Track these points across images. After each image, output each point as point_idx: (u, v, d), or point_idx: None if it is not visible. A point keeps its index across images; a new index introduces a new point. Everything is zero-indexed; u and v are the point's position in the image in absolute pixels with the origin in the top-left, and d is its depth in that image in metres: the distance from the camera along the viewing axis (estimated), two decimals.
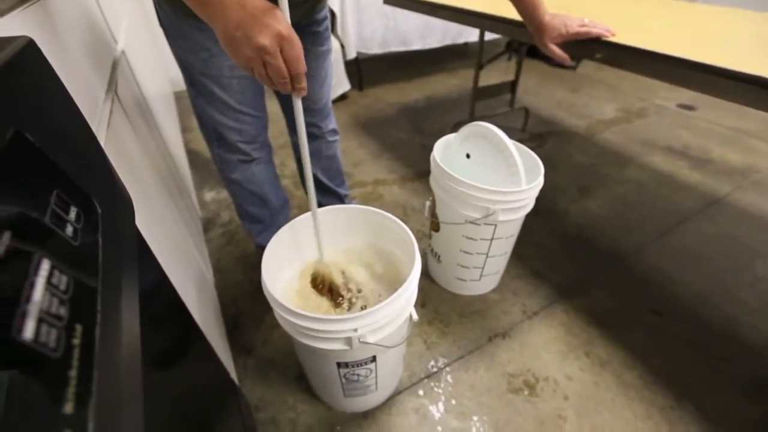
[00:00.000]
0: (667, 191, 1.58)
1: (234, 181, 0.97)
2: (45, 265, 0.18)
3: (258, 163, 0.97)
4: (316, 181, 1.14)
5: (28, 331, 0.15)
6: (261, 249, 1.09)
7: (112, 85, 0.64)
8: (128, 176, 0.53)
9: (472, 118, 1.80)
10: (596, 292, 1.16)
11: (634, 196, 1.56)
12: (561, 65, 2.83)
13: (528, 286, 1.17)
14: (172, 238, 0.78)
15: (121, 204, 0.31)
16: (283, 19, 0.48)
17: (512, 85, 1.86)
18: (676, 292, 1.16)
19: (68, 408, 0.15)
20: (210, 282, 1.11)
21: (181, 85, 0.91)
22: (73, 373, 0.16)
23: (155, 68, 1.71)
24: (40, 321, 0.16)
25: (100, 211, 0.26)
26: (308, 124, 1.03)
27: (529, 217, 0.98)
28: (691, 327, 1.06)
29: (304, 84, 0.52)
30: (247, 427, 0.78)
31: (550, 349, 1.01)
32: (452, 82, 2.62)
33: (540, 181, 0.89)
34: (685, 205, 1.51)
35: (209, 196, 1.57)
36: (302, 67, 0.50)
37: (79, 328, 0.18)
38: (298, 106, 0.57)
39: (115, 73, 0.70)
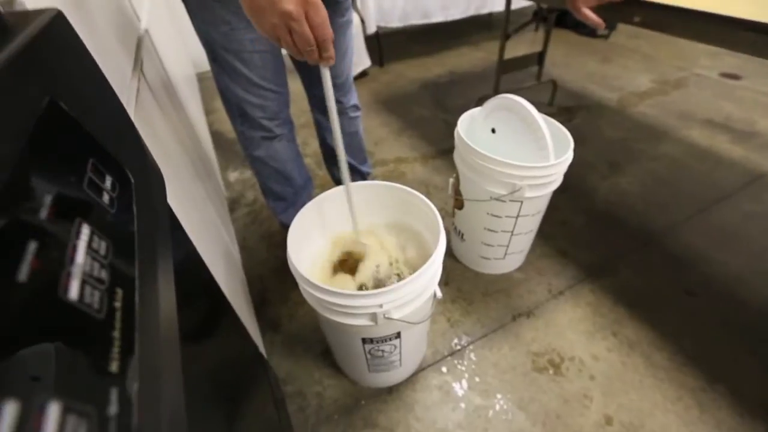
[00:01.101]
0: (705, 167, 1.50)
1: (258, 159, 0.98)
2: (85, 230, 0.18)
3: (281, 140, 0.97)
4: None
5: (74, 291, 0.15)
6: (284, 227, 1.11)
7: (137, 63, 0.65)
8: (158, 153, 0.54)
9: (497, 92, 1.73)
10: (626, 271, 1.13)
11: (668, 172, 1.49)
12: (592, 33, 2.68)
13: (554, 266, 1.15)
14: (201, 216, 0.80)
15: (153, 176, 0.31)
16: None
17: (539, 57, 1.78)
18: (712, 272, 1.12)
19: (113, 367, 0.15)
20: (237, 260, 1.14)
21: (203, 66, 0.91)
22: (116, 334, 0.16)
23: (177, 48, 1.72)
24: (83, 282, 0.16)
25: (133, 181, 0.26)
26: None
27: (556, 194, 0.95)
28: (727, 308, 1.02)
29: (331, 52, 0.51)
30: (276, 398, 0.81)
31: (576, 329, 0.99)
32: (476, 56, 2.53)
33: (569, 156, 0.86)
34: (725, 181, 1.43)
35: (233, 176, 1.59)
36: (329, 32, 0.49)
37: (119, 291, 0.18)
38: (327, 76, 0.56)
39: (140, 51, 0.70)
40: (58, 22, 0.28)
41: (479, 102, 1.54)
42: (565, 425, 0.82)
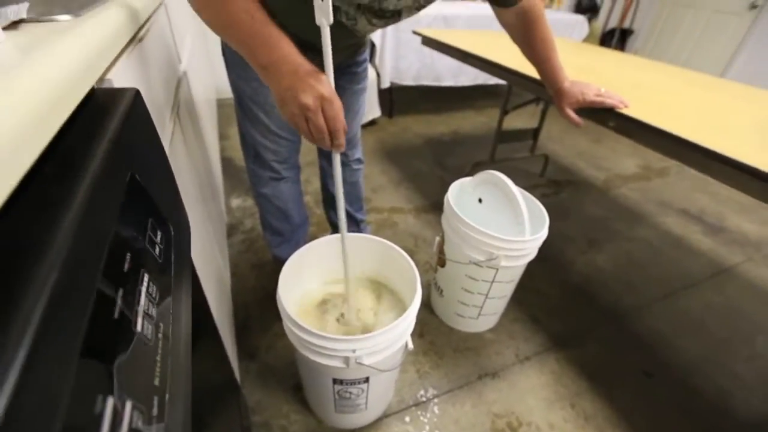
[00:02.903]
0: (676, 254, 1.60)
1: (263, 195, 1.06)
2: (145, 278, 0.26)
3: (286, 181, 1.06)
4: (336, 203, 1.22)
5: (139, 325, 0.23)
6: (277, 260, 1.18)
7: (175, 106, 0.74)
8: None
9: (493, 159, 1.87)
10: (591, 345, 1.19)
11: (642, 255, 1.58)
12: None
13: (524, 331, 1.21)
14: (201, 240, 0.86)
15: (184, 225, 0.39)
16: (326, 82, 0.56)
17: (535, 132, 1.93)
18: (670, 356, 1.18)
19: (156, 381, 0.22)
20: (227, 284, 1.19)
21: (224, 93, 1.01)
22: (159, 357, 0.24)
23: (204, 75, 1.85)
24: (144, 318, 0.23)
25: (173, 233, 0.34)
26: None
27: (535, 263, 1.03)
28: (681, 393, 1.08)
29: (341, 140, 0.58)
30: (243, 426, 0.84)
31: (537, 396, 1.04)
32: (479, 120, 2.72)
33: (543, 234, 0.95)
34: (693, 270, 1.52)
35: (236, 203, 1.67)
36: (340, 124, 0.57)
37: (161, 326, 0.25)
38: (337, 160, 0.64)
39: (178, 94, 0.80)
40: (136, 101, 0.37)
41: (474, 168, 1.66)
42: None
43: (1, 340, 0.14)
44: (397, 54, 2.26)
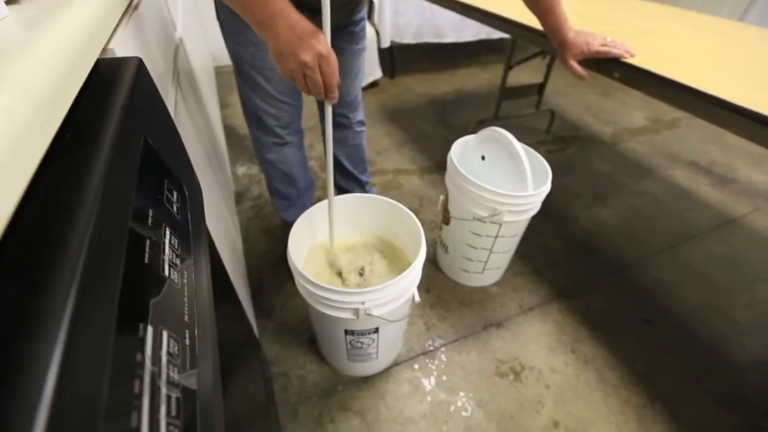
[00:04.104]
0: (682, 207, 1.61)
1: (268, 161, 1.08)
2: (167, 231, 0.28)
3: (290, 146, 1.07)
4: (341, 166, 1.24)
5: (167, 270, 0.26)
6: (285, 224, 1.22)
7: (175, 75, 0.75)
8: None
9: (498, 117, 1.85)
10: (593, 296, 1.23)
11: (647, 208, 1.59)
12: None
13: (528, 284, 1.25)
14: (213, 208, 0.90)
15: (197, 187, 0.41)
16: (323, 41, 0.57)
17: (540, 87, 1.89)
18: (670, 304, 1.22)
19: (186, 318, 0.26)
20: (240, 250, 1.24)
21: (222, 60, 1.00)
22: (186, 299, 0.27)
23: (200, 44, 1.82)
24: (170, 265, 0.26)
25: (187, 194, 0.37)
26: (338, 115, 1.13)
27: (539, 218, 1.05)
28: (679, 338, 1.13)
29: (335, 94, 0.62)
30: (265, 376, 0.91)
31: (539, 343, 1.10)
32: (483, 77, 2.65)
33: (546, 188, 0.96)
34: (699, 222, 1.53)
35: (241, 170, 1.70)
36: (336, 80, 0.60)
37: (185, 273, 0.29)
38: (329, 111, 0.67)
39: (176, 62, 0.81)
40: (140, 69, 0.39)
41: (478, 126, 1.65)
42: (517, 425, 0.92)
43: (54, 288, 0.17)
44: (396, 10, 2.18)
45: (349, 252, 0.94)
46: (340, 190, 1.31)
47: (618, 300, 1.22)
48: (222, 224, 0.99)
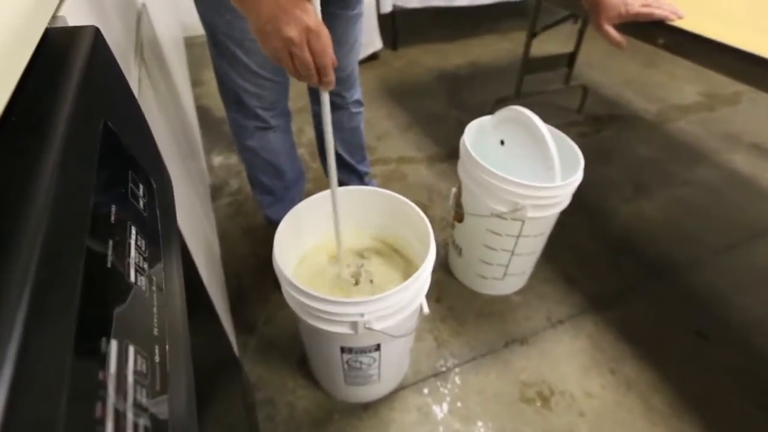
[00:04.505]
0: (742, 198, 1.60)
1: (249, 149, 1.09)
2: (133, 230, 0.29)
3: (275, 131, 1.08)
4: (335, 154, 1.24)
5: (132, 275, 0.26)
6: (270, 222, 1.22)
7: (138, 47, 0.76)
8: None
9: (519, 94, 1.84)
10: (634, 305, 1.24)
11: (700, 200, 1.59)
12: None
13: (557, 292, 1.26)
14: (185, 204, 0.91)
15: (166, 179, 0.42)
16: (312, 12, 0.57)
17: (570, 58, 1.89)
18: (729, 315, 1.22)
19: (155, 332, 0.26)
20: (217, 253, 1.25)
21: (193, 30, 1.01)
22: (155, 309, 0.27)
23: (167, 10, 1.83)
24: (136, 270, 0.27)
25: (155, 187, 0.37)
26: (331, 93, 1.12)
27: (570, 214, 1.05)
28: (740, 357, 1.13)
29: (331, 77, 0.61)
30: (247, 404, 0.92)
31: (571, 362, 1.10)
32: (502, 47, 2.64)
33: (577, 178, 0.96)
34: (763, 216, 1.53)
35: (218, 160, 1.71)
36: (328, 59, 0.59)
37: (154, 279, 0.29)
38: (325, 99, 0.67)
39: (140, 32, 0.81)
40: (97, 41, 0.39)
41: (496, 105, 1.65)
42: None
43: (2, 298, 0.18)
44: None
45: (345, 255, 0.95)
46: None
47: (664, 310, 1.23)
48: (196, 223, 1.00)
